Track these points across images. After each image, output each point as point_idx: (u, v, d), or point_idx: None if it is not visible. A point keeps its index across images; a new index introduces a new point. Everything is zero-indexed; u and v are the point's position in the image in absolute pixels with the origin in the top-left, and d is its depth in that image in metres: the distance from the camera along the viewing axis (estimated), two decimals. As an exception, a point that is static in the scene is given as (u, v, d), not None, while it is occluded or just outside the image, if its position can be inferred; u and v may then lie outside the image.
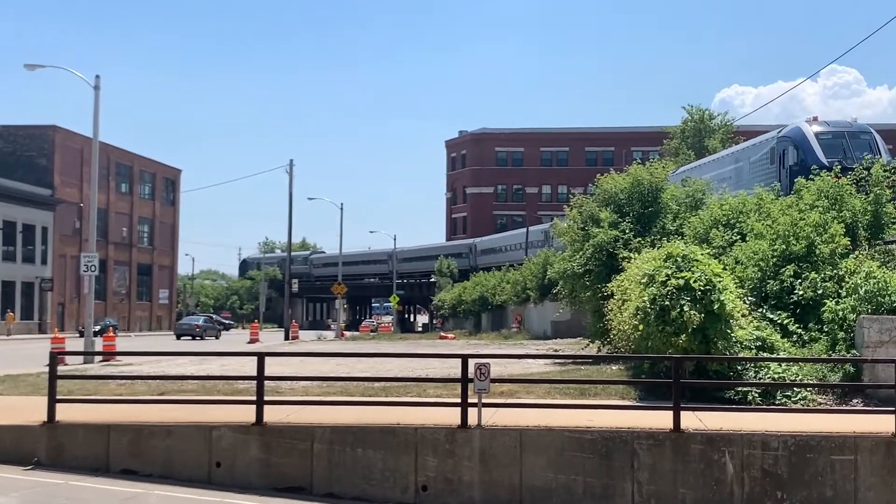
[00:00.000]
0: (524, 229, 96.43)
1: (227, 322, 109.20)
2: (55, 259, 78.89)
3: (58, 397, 15.27)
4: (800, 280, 20.47)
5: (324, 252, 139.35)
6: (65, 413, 15.17)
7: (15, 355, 37.38)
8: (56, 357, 15.97)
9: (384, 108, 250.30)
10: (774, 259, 21.28)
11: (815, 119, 33.77)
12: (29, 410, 16.02)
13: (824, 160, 29.34)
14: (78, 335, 56.78)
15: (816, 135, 31.50)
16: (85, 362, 30.39)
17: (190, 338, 65.78)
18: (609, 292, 22.59)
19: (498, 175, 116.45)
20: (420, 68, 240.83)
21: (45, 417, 15.08)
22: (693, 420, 14.48)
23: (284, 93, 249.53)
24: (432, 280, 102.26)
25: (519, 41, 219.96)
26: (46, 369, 16.65)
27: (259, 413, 14.75)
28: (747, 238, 23.52)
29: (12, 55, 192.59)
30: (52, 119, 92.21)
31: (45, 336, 59.47)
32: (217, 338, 68.87)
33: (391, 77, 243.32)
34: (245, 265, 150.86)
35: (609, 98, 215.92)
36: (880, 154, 29.84)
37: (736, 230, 24.56)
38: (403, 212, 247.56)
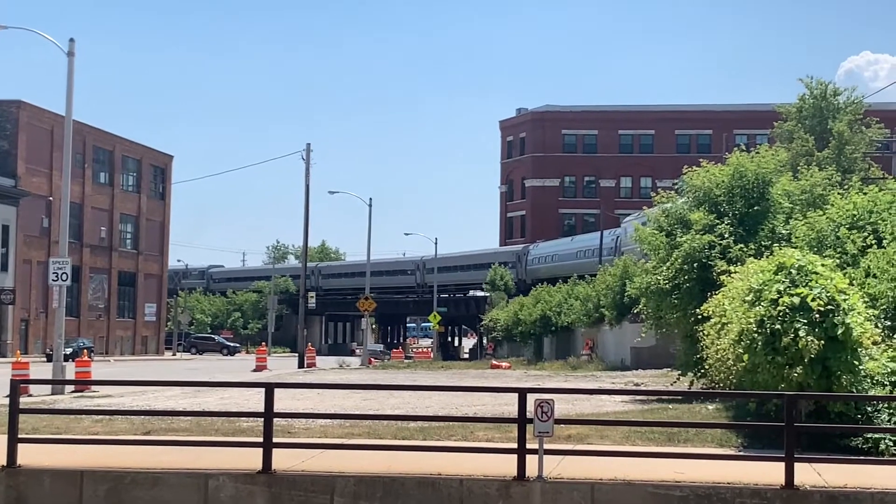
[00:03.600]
0: (483, 249, 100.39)
1: (231, 345, 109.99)
2: (18, 265, 79.78)
3: (20, 436, 15.45)
4: (948, 299, 20.16)
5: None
6: (28, 456, 15.32)
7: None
8: (18, 386, 16.12)
9: (423, 82, 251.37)
10: (916, 272, 20.97)
11: None
12: (-16, 452, 16.22)
13: None
14: (45, 359, 57.52)
15: None
16: (53, 393, 30.75)
17: None
18: (704, 313, 22.45)
19: (565, 164, 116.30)
20: (468, 31, 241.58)
21: (3, 461, 15.23)
22: (810, 474, 14.35)
23: (300, 66, 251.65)
24: (482, 294, 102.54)
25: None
26: (6, 401, 16.85)
27: (267, 458, 14.84)
28: (884, 244, 23.18)
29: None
30: (17, 94, 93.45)
31: (5, 360, 60.20)
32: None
33: (431, 43, 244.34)
34: None
35: (705, 68, 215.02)
36: None
37: (866, 233, 24.22)
38: (447, 210, 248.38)
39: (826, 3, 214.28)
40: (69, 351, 51.62)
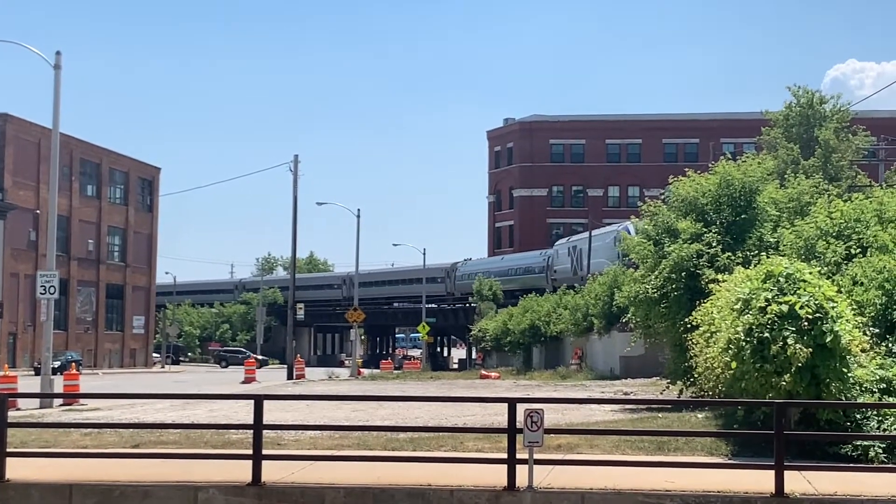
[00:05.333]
0: (412, 266, 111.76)
1: (261, 358, 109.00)
2: (5, 279, 79.56)
3: (8, 450, 15.41)
4: (935, 306, 20.21)
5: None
6: (17, 470, 15.29)
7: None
8: (6, 400, 16.07)
9: (410, 93, 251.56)
10: (904, 279, 21.01)
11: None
12: (-27, 466, 16.15)
13: None
14: (33, 373, 57.33)
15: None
16: (42, 406, 30.66)
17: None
18: (693, 322, 22.48)
19: (553, 173, 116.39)
20: (454, 42, 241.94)
21: (-8, 475, 15.17)
22: (800, 482, 14.39)
23: (288, 78, 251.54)
24: (471, 305, 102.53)
25: (578, 6, 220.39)
26: (-6, 415, 16.78)
27: (256, 470, 14.81)
28: (868, 252, 23.26)
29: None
30: (3, 107, 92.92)
31: (-7, 373, 60.00)
32: None
33: (418, 55, 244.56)
34: None
35: (692, 77, 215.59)
36: None
37: (852, 242, 24.29)
38: (437, 221, 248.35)
39: (812, 11, 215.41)
40: (57, 364, 51.54)
